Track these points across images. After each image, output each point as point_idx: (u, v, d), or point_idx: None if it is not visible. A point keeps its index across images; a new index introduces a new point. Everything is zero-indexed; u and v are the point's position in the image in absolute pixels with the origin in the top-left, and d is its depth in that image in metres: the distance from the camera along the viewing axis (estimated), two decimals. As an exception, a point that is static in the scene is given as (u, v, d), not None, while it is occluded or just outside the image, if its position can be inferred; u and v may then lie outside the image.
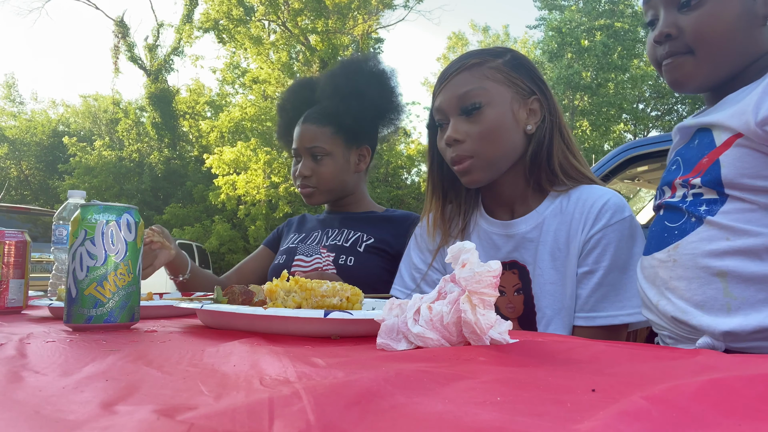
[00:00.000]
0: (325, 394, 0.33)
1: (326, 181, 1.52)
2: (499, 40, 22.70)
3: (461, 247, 0.59)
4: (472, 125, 1.05)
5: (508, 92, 1.06)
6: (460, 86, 1.06)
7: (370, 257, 1.45)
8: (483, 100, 1.04)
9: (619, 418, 0.28)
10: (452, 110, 1.07)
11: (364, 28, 17.46)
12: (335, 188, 1.55)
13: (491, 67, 1.06)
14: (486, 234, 1.13)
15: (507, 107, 1.05)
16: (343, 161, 1.54)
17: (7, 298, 1.08)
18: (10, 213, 6.70)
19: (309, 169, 1.52)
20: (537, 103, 1.07)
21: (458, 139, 1.05)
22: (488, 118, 1.04)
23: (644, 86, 17.84)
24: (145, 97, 19.04)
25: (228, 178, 14.72)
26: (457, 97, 1.06)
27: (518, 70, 1.08)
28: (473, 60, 1.08)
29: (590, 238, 1.01)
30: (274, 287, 0.79)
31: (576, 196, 1.05)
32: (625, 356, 0.53)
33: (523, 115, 1.06)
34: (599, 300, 0.98)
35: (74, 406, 0.34)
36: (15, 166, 22.01)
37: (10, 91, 23.70)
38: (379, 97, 1.54)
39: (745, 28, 0.83)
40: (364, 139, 1.58)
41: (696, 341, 0.79)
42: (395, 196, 17.41)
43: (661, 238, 0.86)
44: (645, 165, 3.10)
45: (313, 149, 1.51)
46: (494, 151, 1.05)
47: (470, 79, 1.06)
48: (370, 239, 1.48)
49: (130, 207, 0.81)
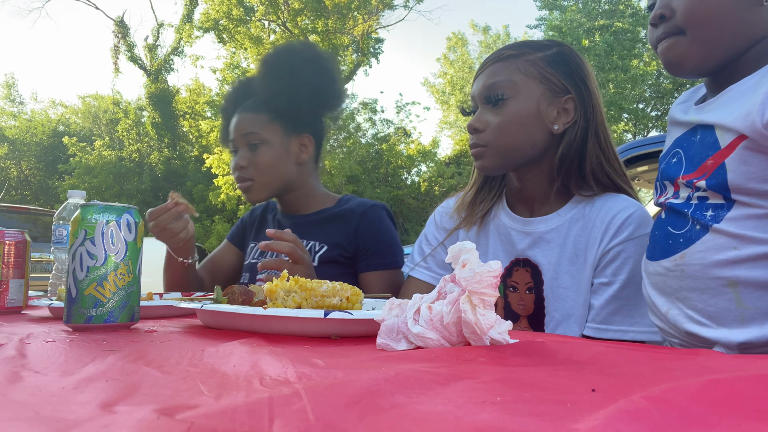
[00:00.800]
0: (325, 393, 0.33)
1: (264, 172, 1.41)
2: (499, 40, 22.69)
3: (461, 247, 0.59)
4: (494, 116, 1.06)
5: (538, 88, 1.05)
6: (491, 77, 1.07)
7: (327, 269, 1.37)
8: (508, 93, 1.05)
9: (619, 418, 0.28)
10: (480, 99, 1.08)
11: (364, 28, 17.45)
12: (274, 180, 1.44)
13: (526, 60, 1.06)
14: (504, 228, 1.13)
15: (533, 103, 1.04)
16: (281, 150, 1.44)
17: (7, 298, 1.08)
18: (10, 213, 6.70)
19: (245, 160, 1.42)
20: (571, 103, 1.05)
21: (478, 128, 1.07)
22: (510, 110, 1.04)
23: (644, 86, 17.84)
24: (145, 97, 19.04)
25: (228, 178, 14.70)
26: (486, 87, 1.07)
27: (557, 66, 1.06)
28: (510, 51, 1.08)
29: (610, 249, 0.99)
30: (274, 287, 0.79)
31: (600, 203, 1.04)
32: (625, 357, 0.53)
33: (552, 113, 1.05)
34: (612, 313, 0.97)
35: (74, 406, 0.34)
36: (15, 166, 22.00)
37: (10, 91, 23.69)
38: (315, 79, 1.44)
39: (739, 9, 0.81)
40: (304, 126, 1.47)
41: None
42: (395, 196, 17.40)
43: (665, 245, 0.84)
44: (645, 165, 3.10)
45: (248, 136, 1.42)
46: (508, 143, 1.05)
47: (501, 70, 1.07)
48: (323, 247, 1.40)
49: (130, 207, 0.81)
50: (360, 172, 16.56)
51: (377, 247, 1.40)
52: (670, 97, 18.15)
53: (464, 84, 22.34)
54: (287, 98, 1.41)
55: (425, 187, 18.15)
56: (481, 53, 22.94)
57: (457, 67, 23.09)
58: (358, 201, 1.49)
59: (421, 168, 19.24)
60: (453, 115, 22.85)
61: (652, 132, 18.57)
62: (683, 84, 18.17)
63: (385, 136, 18.98)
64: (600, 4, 18.04)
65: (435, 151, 19.27)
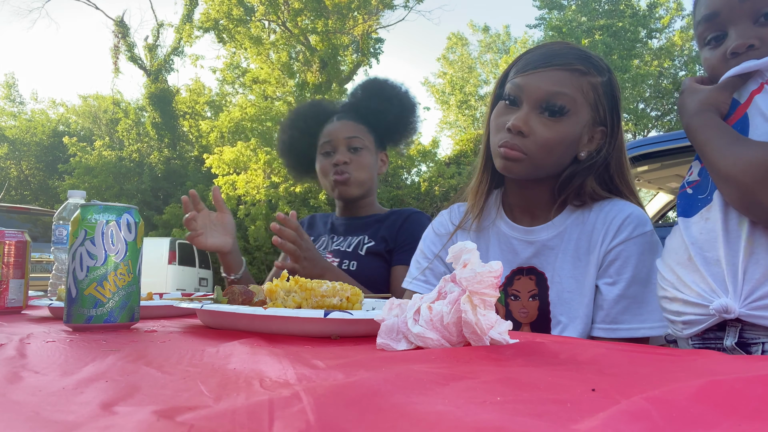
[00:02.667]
0: (325, 395, 0.33)
1: (362, 171, 1.60)
2: (499, 39, 22.68)
3: (462, 247, 0.59)
4: (544, 127, 0.99)
5: (588, 114, 1.02)
6: (555, 83, 0.99)
7: (372, 259, 1.52)
8: (569, 109, 0.99)
9: (619, 418, 0.28)
10: (532, 100, 0.99)
11: (364, 28, 17.45)
12: (366, 182, 1.62)
13: (590, 83, 1.01)
14: (505, 237, 1.11)
15: (580, 128, 1.01)
16: (373, 158, 1.65)
17: (7, 298, 1.08)
18: (10, 213, 6.71)
19: (347, 157, 1.59)
20: (600, 134, 1.04)
21: (523, 132, 0.99)
22: (563, 129, 0.99)
23: (644, 86, 17.83)
24: (145, 97, 19.03)
25: (228, 178, 14.71)
26: (546, 91, 0.98)
27: (608, 97, 1.04)
28: (579, 65, 1.00)
29: (611, 249, 1.00)
30: (274, 287, 0.79)
31: (598, 207, 1.04)
32: (625, 357, 0.53)
33: (585, 139, 1.03)
34: (620, 312, 0.98)
35: (74, 406, 0.34)
36: (15, 166, 22.00)
37: (10, 91, 23.68)
38: (404, 110, 1.70)
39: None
40: (384, 145, 1.73)
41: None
42: (395, 196, 17.39)
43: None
44: (645, 165, 3.11)
45: (352, 140, 1.60)
46: (548, 161, 1.01)
47: (568, 82, 0.99)
48: (371, 242, 1.56)
49: (130, 207, 0.81)
50: (360, 172, 16.51)
51: (414, 245, 1.47)
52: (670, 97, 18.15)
53: (464, 84, 22.34)
54: (385, 121, 1.67)
55: (425, 187, 18.15)
56: (481, 53, 22.94)
57: (457, 67, 23.09)
58: (405, 209, 1.69)
59: (421, 168, 19.23)
60: (453, 115, 22.85)
61: (652, 132, 18.56)
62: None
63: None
64: (600, 4, 18.04)
65: (435, 151, 19.27)
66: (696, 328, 0.83)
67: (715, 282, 0.81)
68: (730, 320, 0.80)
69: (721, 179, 0.80)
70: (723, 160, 0.80)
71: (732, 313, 0.78)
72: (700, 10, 0.92)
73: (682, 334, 0.86)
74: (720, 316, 0.79)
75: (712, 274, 0.81)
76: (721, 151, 0.80)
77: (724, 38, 0.89)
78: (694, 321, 0.83)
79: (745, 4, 0.86)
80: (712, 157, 0.82)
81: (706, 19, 0.90)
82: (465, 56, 22.97)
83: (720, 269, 0.81)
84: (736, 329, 0.80)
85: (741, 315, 0.78)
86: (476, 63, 22.97)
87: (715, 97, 0.86)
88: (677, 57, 18.42)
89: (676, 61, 18.48)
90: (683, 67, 18.55)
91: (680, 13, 18.61)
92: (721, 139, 0.82)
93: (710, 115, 0.86)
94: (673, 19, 18.62)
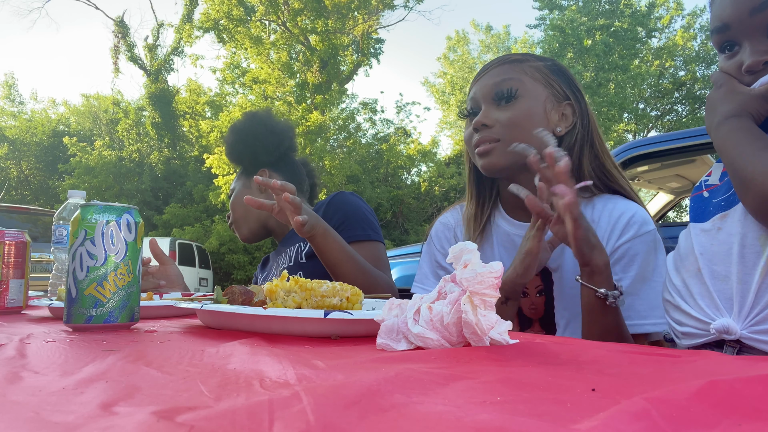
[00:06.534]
0: (325, 395, 0.33)
1: (235, 213, 1.69)
2: (500, 39, 22.68)
3: (463, 248, 0.59)
4: (503, 112, 1.05)
5: (543, 91, 1.07)
6: (499, 75, 1.07)
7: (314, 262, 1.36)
8: (518, 89, 1.05)
9: (619, 418, 0.28)
10: (486, 97, 1.07)
11: (364, 28, 17.45)
12: (243, 223, 1.69)
13: (531, 66, 1.08)
14: (507, 236, 1.12)
15: (540, 104, 1.06)
16: (241, 198, 1.67)
17: (7, 298, 1.08)
18: (10, 213, 6.71)
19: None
20: (570, 109, 1.08)
21: (486, 124, 1.05)
22: (521, 107, 1.04)
23: (644, 86, 17.84)
24: (145, 97, 19.04)
25: (228, 178, 14.71)
26: (493, 84, 1.07)
27: (557, 74, 1.09)
28: (515, 56, 1.10)
29: (618, 248, 1.01)
30: (274, 287, 0.79)
31: (601, 205, 1.06)
32: (625, 357, 0.53)
33: (555, 117, 1.07)
34: (626, 309, 0.98)
35: (74, 406, 0.34)
36: (15, 166, 22.00)
37: (10, 91, 23.70)
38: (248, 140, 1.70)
39: None
40: (257, 167, 1.73)
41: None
42: (395, 196, 17.40)
43: None
44: (645, 165, 3.11)
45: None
46: (521, 139, 1.02)
47: (509, 70, 1.08)
48: (306, 245, 1.48)
49: (130, 207, 0.81)
50: (360, 172, 16.56)
51: (346, 223, 1.44)
52: (670, 97, 18.16)
53: (464, 84, 22.34)
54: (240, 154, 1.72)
55: (425, 187, 18.15)
56: (481, 53, 22.95)
57: (457, 67, 23.09)
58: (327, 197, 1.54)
59: (421, 168, 19.25)
60: (453, 115, 22.85)
61: (652, 132, 18.57)
62: (683, 84, 18.17)
63: (385, 136, 18.99)
64: (600, 3, 18.05)
65: (435, 151, 19.28)
66: (694, 341, 0.82)
67: (720, 299, 0.79)
68: (730, 340, 0.78)
69: (744, 185, 0.76)
70: (750, 166, 0.75)
71: (733, 335, 0.76)
72: (713, 20, 0.89)
73: (680, 342, 0.86)
74: (720, 335, 0.78)
75: (718, 291, 0.79)
76: (749, 156, 0.76)
77: (738, 46, 0.86)
78: (694, 334, 0.82)
79: (755, 18, 0.82)
80: (738, 161, 0.78)
81: (718, 31, 0.87)
82: (465, 56, 22.98)
83: (728, 286, 0.78)
84: (734, 349, 0.79)
85: (742, 337, 0.76)
86: (476, 63, 22.98)
87: (756, 104, 0.82)
88: (677, 57, 18.42)
89: (676, 61, 18.48)
90: (683, 66, 18.56)
91: (680, 12, 18.61)
92: (751, 145, 0.78)
93: (746, 119, 0.81)
94: (673, 18, 18.63)
